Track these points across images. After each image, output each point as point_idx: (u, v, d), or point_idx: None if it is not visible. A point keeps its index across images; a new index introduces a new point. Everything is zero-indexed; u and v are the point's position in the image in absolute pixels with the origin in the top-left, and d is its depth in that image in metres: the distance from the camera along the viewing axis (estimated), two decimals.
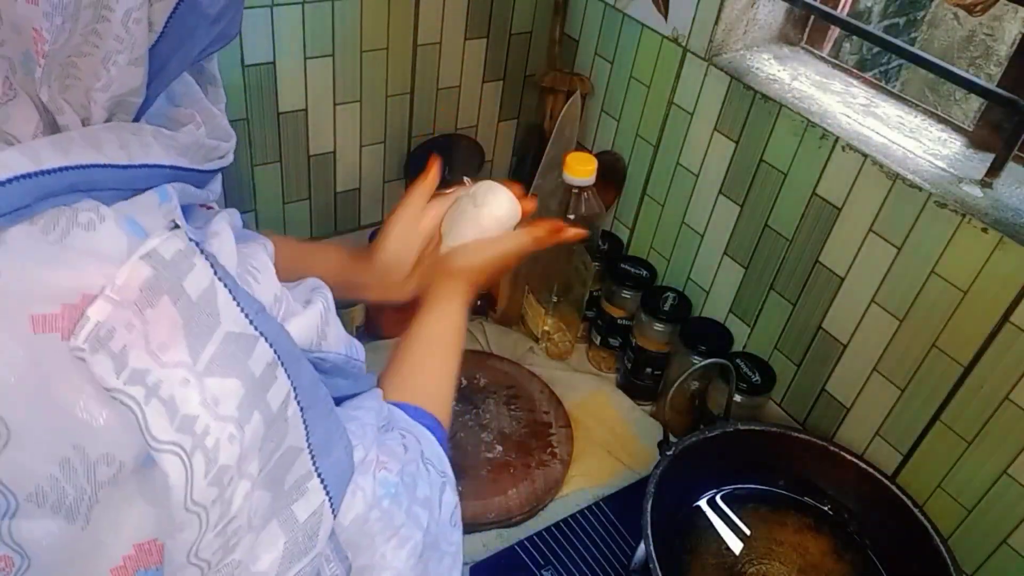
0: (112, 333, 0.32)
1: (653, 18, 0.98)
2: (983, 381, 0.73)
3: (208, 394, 0.34)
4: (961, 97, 2.61)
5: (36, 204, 0.31)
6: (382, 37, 0.98)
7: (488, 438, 0.93)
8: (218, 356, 0.35)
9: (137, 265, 0.32)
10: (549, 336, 1.07)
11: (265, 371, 0.37)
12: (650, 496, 0.72)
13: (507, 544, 0.82)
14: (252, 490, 0.37)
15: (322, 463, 0.41)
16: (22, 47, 0.32)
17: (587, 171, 0.92)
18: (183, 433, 0.33)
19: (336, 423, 0.44)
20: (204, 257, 0.35)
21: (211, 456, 0.34)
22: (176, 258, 0.34)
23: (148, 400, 0.32)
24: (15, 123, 0.33)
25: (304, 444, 0.40)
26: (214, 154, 0.45)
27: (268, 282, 0.42)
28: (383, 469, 0.47)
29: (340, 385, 0.49)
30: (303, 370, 0.40)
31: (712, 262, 0.98)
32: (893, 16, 2.56)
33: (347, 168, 1.07)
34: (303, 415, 0.39)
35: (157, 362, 0.33)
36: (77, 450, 0.32)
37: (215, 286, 0.35)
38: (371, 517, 0.45)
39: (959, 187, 0.74)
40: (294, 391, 0.39)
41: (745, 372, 0.90)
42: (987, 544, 0.76)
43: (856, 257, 0.81)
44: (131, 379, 0.32)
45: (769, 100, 0.86)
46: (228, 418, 0.35)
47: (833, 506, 0.83)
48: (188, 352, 0.34)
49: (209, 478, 0.34)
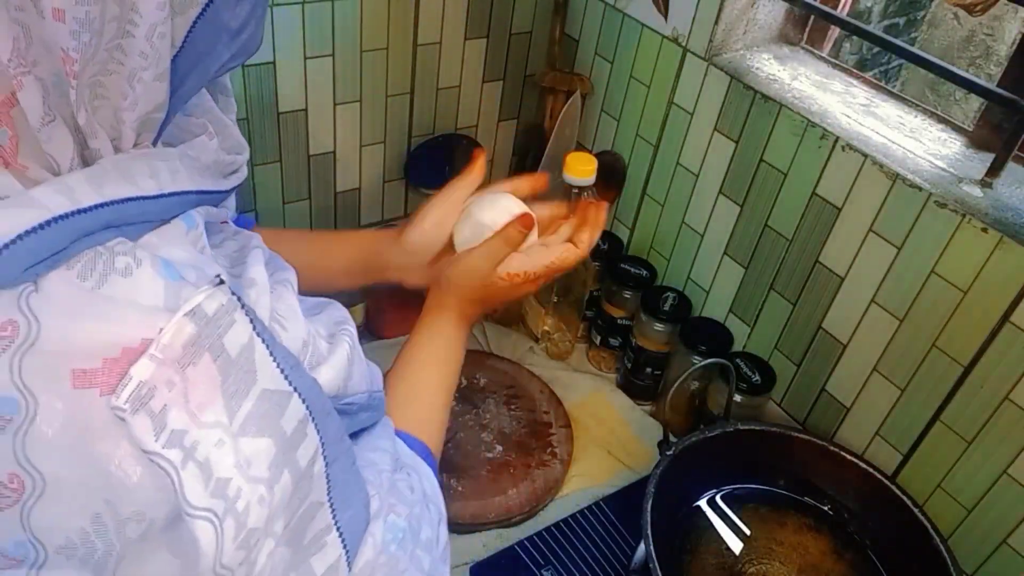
0: (153, 392, 0.31)
1: (653, 18, 0.98)
2: (983, 381, 0.73)
3: (241, 456, 0.34)
4: (961, 97, 2.61)
5: (72, 245, 0.31)
6: (382, 37, 0.98)
7: (488, 438, 0.93)
8: (253, 415, 0.35)
9: (182, 323, 0.32)
10: (549, 336, 1.07)
11: (297, 428, 0.37)
12: (650, 496, 0.72)
13: (507, 544, 0.82)
14: (275, 548, 0.37)
15: (341, 516, 0.41)
16: (53, 68, 0.31)
17: (587, 171, 0.92)
18: (216, 498, 0.33)
19: (356, 476, 0.43)
20: (244, 312, 0.35)
21: (241, 520, 0.34)
22: (219, 313, 0.34)
23: (185, 464, 0.32)
24: (55, 146, 0.33)
25: (326, 499, 0.39)
26: (230, 168, 0.45)
27: (296, 329, 0.42)
28: (392, 513, 0.46)
29: (363, 419, 0.49)
30: (331, 424, 0.40)
31: (712, 262, 0.98)
32: (893, 16, 2.56)
33: (347, 168, 1.07)
34: (327, 470, 0.39)
35: (195, 422, 0.33)
36: (109, 506, 0.32)
37: (254, 342, 0.35)
38: (379, 563, 0.44)
39: (959, 187, 0.74)
40: (322, 446, 0.39)
41: (745, 372, 0.90)
42: (987, 544, 0.76)
43: (856, 257, 0.81)
44: (169, 442, 0.32)
45: (769, 100, 0.86)
46: (259, 479, 0.35)
47: (833, 506, 0.83)
48: (225, 411, 0.34)
49: (238, 542, 0.34)
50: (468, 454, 0.91)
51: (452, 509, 0.84)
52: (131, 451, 0.32)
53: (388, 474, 0.48)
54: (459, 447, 0.91)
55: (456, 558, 0.81)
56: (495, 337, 1.07)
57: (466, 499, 0.85)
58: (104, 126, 0.34)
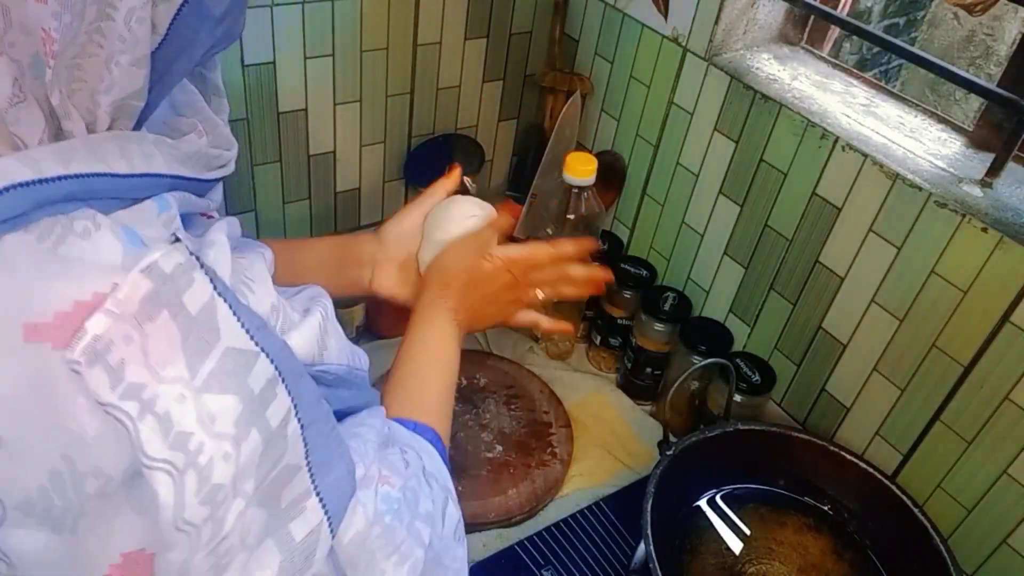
0: (110, 347, 0.31)
1: (653, 18, 0.98)
2: (983, 381, 0.73)
3: (204, 411, 0.33)
4: (961, 97, 2.61)
5: (33, 212, 0.31)
6: (382, 37, 0.98)
7: (488, 438, 0.93)
8: (216, 372, 0.34)
9: (138, 278, 0.32)
10: (549, 336, 1.07)
11: (265, 387, 0.36)
12: (650, 496, 0.72)
13: (507, 544, 0.82)
14: (246, 509, 0.36)
15: (321, 482, 0.40)
16: (31, 49, 0.32)
17: (587, 171, 0.92)
18: (176, 451, 0.33)
19: (338, 441, 0.42)
20: (204, 271, 0.35)
21: (204, 475, 0.34)
22: (176, 272, 0.33)
23: (142, 416, 0.32)
24: (23, 127, 0.33)
25: (303, 462, 0.39)
26: (215, 163, 0.44)
27: (263, 293, 0.42)
28: (385, 484, 0.46)
29: (343, 396, 0.48)
30: (305, 386, 0.39)
31: (712, 262, 0.98)
32: (893, 16, 2.56)
33: (347, 168, 1.07)
34: (303, 432, 0.38)
35: (154, 377, 0.32)
36: (67, 461, 0.32)
37: (215, 301, 0.35)
38: (372, 534, 0.44)
39: (959, 187, 0.74)
40: (295, 408, 0.38)
41: (745, 372, 0.90)
42: (987, 544, 0.76)
43: (856, 257, 0.81)
44: (126, 394, 0.31)
45: (769, 100, 0.86)
46: (224, 436, 0.34)
47: (833, 506, 0.83)
48: (186, 368, 0.33)
49: (201, 497, 0.34)
50: (468, 454, 0.91)
51: None
52: (87, 405, 0.31)
53: (375, 445, 0.47)
54: (459, 447, 0.91)
55: None
56: (495, 337, 1.07)
57: (466, 499, 0.85)
58: (80, 109, 0.34)
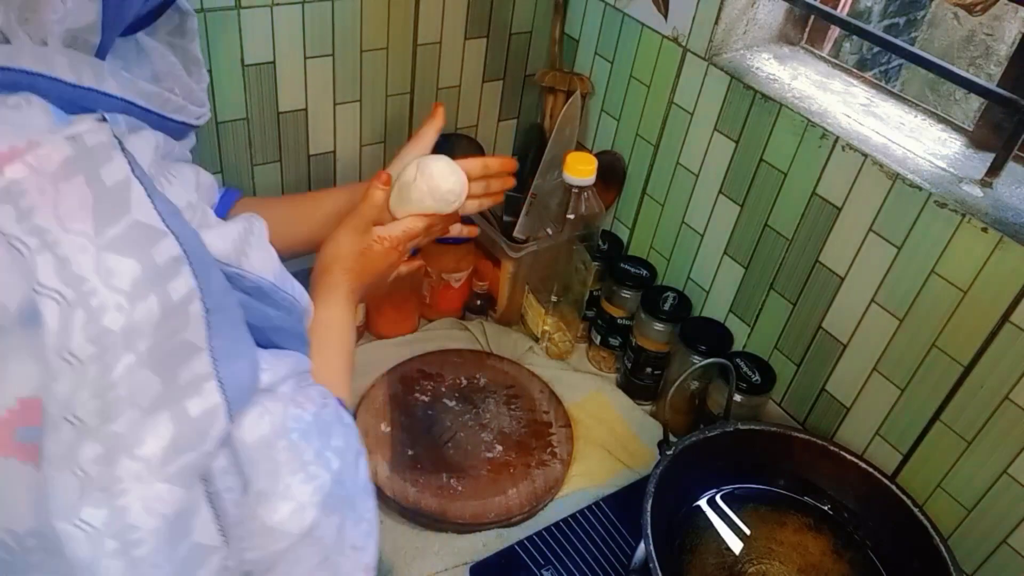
0: (23, 193, 0.33)
1: (653, 18, 0.98)
2: (983, 381, 0.73)
3: (103, 265, 0.35)
4: (961, 97, 2.61)
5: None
6: (382, 37, 0.98)
7: (488, 438, 0.93)
8: (121, 237, 0.36)
9: (60, 142, 0.34)
10: (549, 336, 1.07)
11: (169, 263, 0.38)
12: (650, 496, 0.72)
13: (507, 544, 0.82)
14: (138, 367, 0.37)
15: (223, 369, 0.41)
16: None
17: (587, 171, 0.92)
18: (67, 286, 0.34)
19: (245, 336, 0.44)
20: (124, 154, 0.37)
21: (93, 315, 0.35)
22: (98, 148, 0.36)
23: (41, 250, 0.33)
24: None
25: (204, 344, 0.40)
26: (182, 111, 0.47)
27: (183, 189, 0.44)
28: (298, 407, 0.48)
29: (271, 315, 0.50)
30: (213, 275, 0.41)
31: (712, 262, 0.98)
32: (893, 16, 2.56)
33: (347, 168, 1.07)
34: (207, 316, 0.40)
35: (61, 227, 0.34)
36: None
37: (130, 181, 0.37)
38: (278, 446, 0.45)
39: (959, 187, 0.74)
40: (200, 291, 0.40)
41: (745, 372, 0.90)
42: (987, 544, 0.76)
43: (856, 257, 0.81)
44: (30, 231, 0.33)
45: (769, 100, 0.86)
46: (119, 290, 0.36)
47: (833, 506, 0.83)
48: (93, 227, 0.35)
49: (88, 334, 0.34)
50: (468, 454, 0.91)
51: (452, 509, 0.84)
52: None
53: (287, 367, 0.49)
54: (459, 447, 0.91)
55: (456, 558, 0.81)
56: (495, 337, 1.07)
57: (466, 499, 0.85)
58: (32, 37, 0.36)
